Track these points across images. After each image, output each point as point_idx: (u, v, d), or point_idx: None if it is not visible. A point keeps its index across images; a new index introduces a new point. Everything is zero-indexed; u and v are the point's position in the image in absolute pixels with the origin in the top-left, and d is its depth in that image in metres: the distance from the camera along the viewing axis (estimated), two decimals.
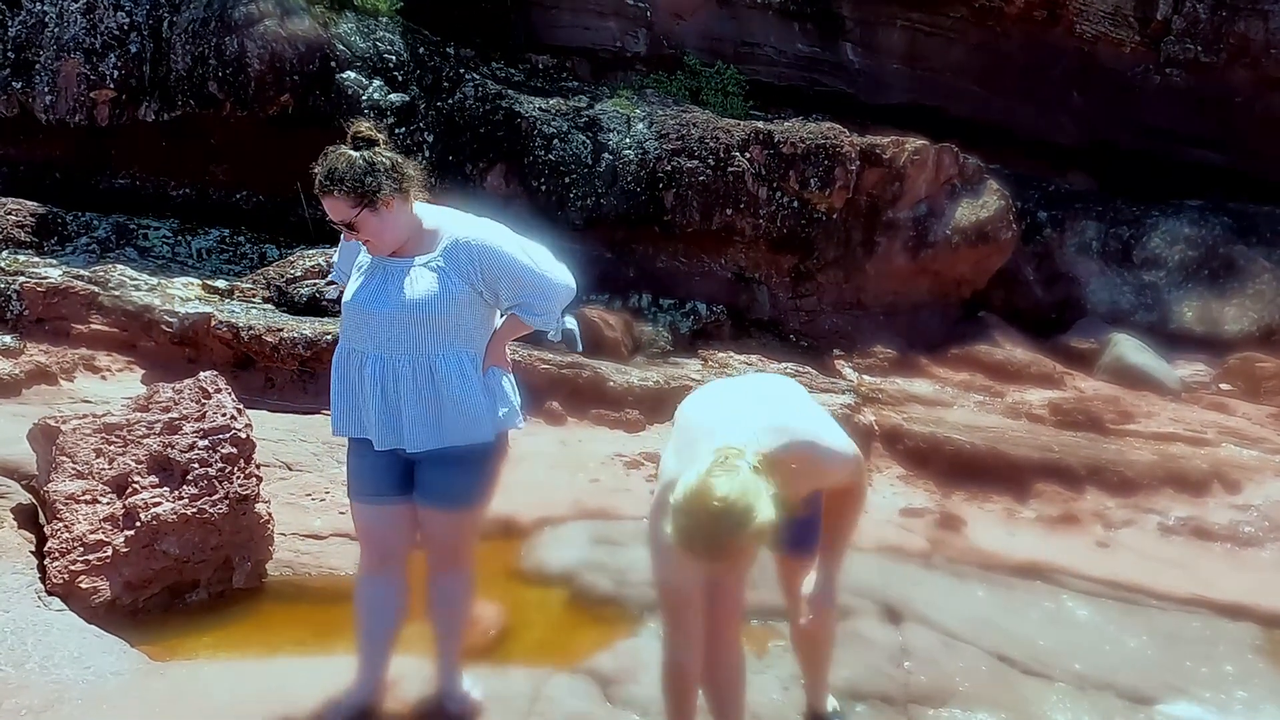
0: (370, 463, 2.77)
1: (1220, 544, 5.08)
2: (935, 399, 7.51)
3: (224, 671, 3.05)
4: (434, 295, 2.63)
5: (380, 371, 2.65)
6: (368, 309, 2.65)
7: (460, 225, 2.78)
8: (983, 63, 10.69)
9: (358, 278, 2.73)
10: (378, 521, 2.83)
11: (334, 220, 2.64)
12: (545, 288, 2.79)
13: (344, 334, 2.77)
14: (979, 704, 3.26)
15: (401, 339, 2.63)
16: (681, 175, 8.37)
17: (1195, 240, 9.76)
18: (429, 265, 2.68)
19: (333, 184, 2.60)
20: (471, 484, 2.79)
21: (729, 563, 2.18)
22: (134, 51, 7.86)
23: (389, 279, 2.67)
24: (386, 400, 2.65)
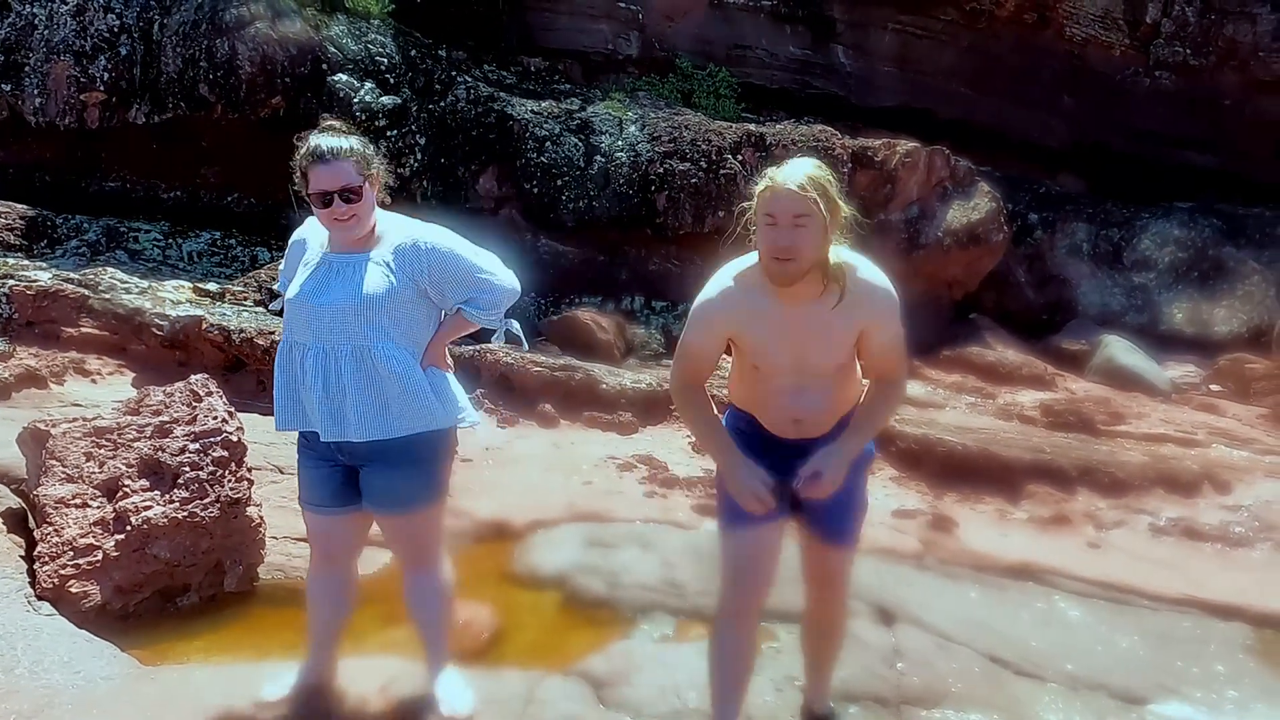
0: (317, 474, 2.82)
1: (1211, 544, 5.10)
2: (927, 401, 7.53)
3: (215, 675, 3.04)
4: (380, 289, 2.67)
5: (323, 363, 2.66)
6: (312, 302, 2.67)
7: (408, 228, 2.82)
8: (973, 65, 10.74)
9: (302, 274, 2.74)
10: (324, 529, 2.89)
11: (328, 189, 2.60)
12: (492, 284, 2.85)
13: (287, 329, 2.78)
14: (972, 705, 3.26)
15: (345, 330, 2.65)
16: (674, 177, 8.38)
17: (1185, 242, 9.82)
18: (377, 261, 2.72)
19: (340, 150, 2.64)
20: (419, 485, 2.80)
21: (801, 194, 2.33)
22: (124, 54, 7.84)
23: (334, 274, 2.70)
24: (329, 391, 2.67)
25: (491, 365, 6.53)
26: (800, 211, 2.34)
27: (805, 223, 2.35)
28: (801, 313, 2.49)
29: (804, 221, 2.35)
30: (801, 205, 2.33)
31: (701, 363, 2.62)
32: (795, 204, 2.33)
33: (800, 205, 2.33)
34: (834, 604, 2.90)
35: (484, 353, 6.62)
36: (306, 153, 2.65)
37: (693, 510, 4.99)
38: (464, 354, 6.68)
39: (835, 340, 2.54)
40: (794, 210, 2.34)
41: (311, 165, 2.63)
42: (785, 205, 2.35)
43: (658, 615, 3.86)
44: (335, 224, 2.67)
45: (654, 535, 4.65)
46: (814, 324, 2.49)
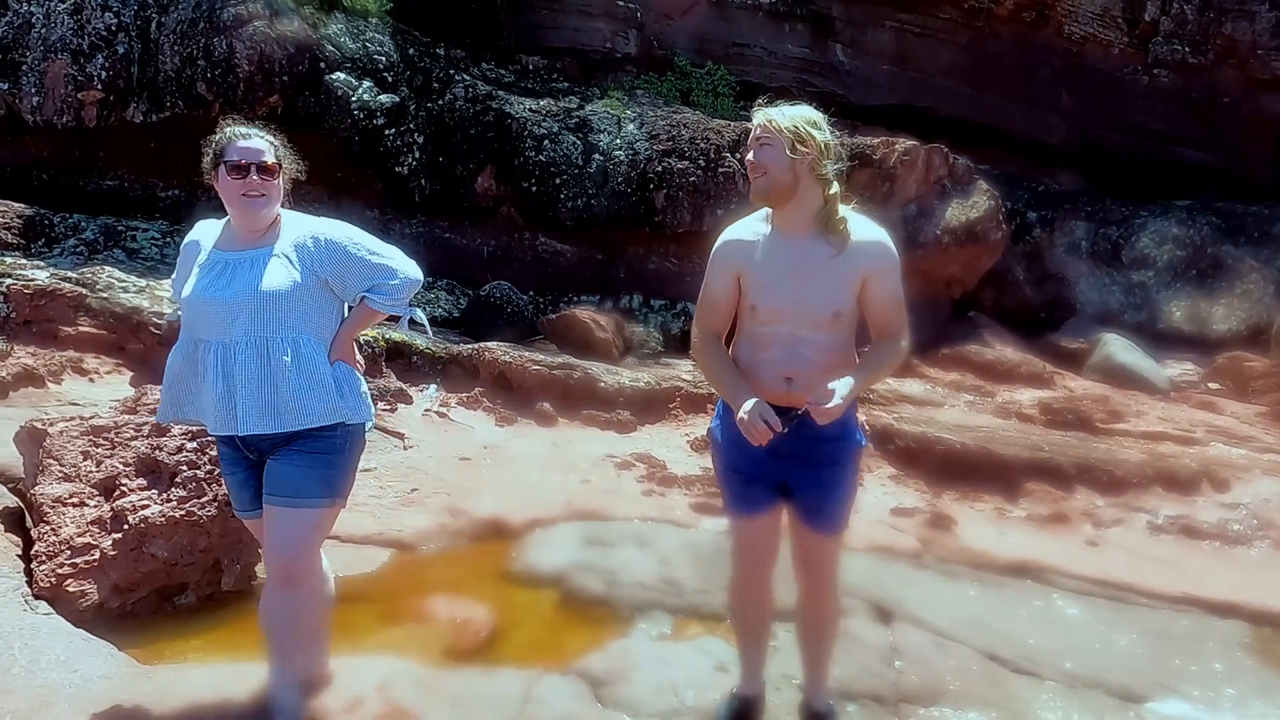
0: (234, 480, 2.83)
1: (1209, 542, 5.10)
2: (926, 399, 7.53)
3: (212, 674, 3.03)
4: (282, 282, 2.68)
5: (222, 357, 2.66)
6: (209, 296, 2.67)
7: (306, 223, 2.82)
8: (972, 63, 10.74)
9: (197, 274, 2.74)
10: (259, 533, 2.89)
11: (246, 160, 2.67)
12: (392, 269, 2.84)
13: (185, 327, 2.77)
14: (969, 703, 3.26)
15: (243, 324, 2.65)
16: (672, 176, 8.38)
17: (1184, 240, 9.82)
18: (277, 254, 2.73)
19: (258, 133, 2.76)
20: (312, 477, 2.70)
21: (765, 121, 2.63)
22: (122, 52, 7.83)
23: (230, 269, 2.71)
24: (229, 386, 2.66)
25: (490, 364, 6.53)
26: (761, 135, 2.65)
27: (768, 141, 2.63)
28: (802, 247, 2.65)
29: (767, 140, 2.64)
30: (762, 130, 2.65)
31: (718, 307, 2.76)
32: (760, 130, 2.67)
33: (761, 130, 2.66)
34: (825, 593, 2.93)
35: (482, 351, 6.62)
36: (223, 135, 2.73)
37: (691, 509, 4.98)
38: (462, 353, 6.69)
39: (834, 283, 2.64)
40: (758, 134, 2.67)
41: (230, 142, 2.70)
42: (755, 132, 2.69)
43: (656, 614, 3.86)
44: (244, 201, 2.68)
45: (652, 533, 4.65)
46: (814, 261, 2.65)
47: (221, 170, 2.70)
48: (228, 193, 2.70)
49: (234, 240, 2.75)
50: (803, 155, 2.60)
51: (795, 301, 2.63)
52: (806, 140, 2.61)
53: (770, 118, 2.64)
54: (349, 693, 3.00)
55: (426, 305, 8.03)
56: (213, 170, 2.74)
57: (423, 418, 6.01)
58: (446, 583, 4.03)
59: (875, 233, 2.69)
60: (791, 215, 2.66)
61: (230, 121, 2.82)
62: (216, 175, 2.73)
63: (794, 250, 2.65)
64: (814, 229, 2.65)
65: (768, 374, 2.67)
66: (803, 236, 2.65)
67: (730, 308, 2.74)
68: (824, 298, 2.63)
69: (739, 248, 2.72)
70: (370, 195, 8.43)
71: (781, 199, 2.64)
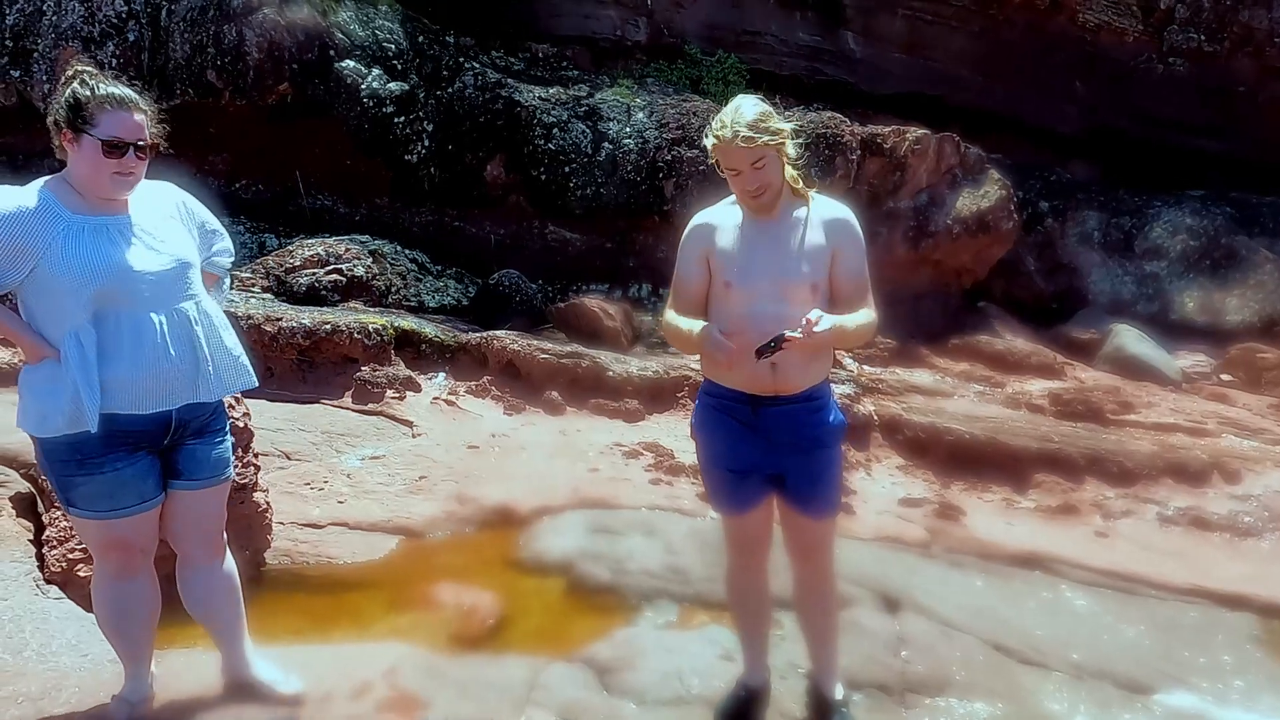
0: (135, 469, 2.52)
1: (1219, 534, 5.07)
2: (935, 389, 7.50)
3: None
4: (188, 249, 2.60)
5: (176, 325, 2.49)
6: (136, 266, 2.42)
7: (155, 186, 2.66)
8: (984, 51, 10.66)
9: (78, 243, 2.37)
10: (140, 528, 2.62)
11: (126, 139, 2.39)
12: (223, 232, 2.88)
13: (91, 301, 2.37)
14: (976, 693, 3.26)
15: (178, 291, 2.51)
16: (682, 164, 8.35)
17: (1197, 230, 9.74)
18: (167, 217, 2.59)
19: (141, 102, 2.48)
20: (228, 450, 2.77)
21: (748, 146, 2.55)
22: (132, 40, 7.84)
23: (122, 234, 2.44)
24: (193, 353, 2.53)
25: (499, 352, 6.53)
26: (756, 158, 2.59)
27: (764, 164, 2.60)
28: (775, 225, 2.71)
29: (763, 164, 2.60)
30: (756, 153, 2.58)
31: (688, 289, 2.76)
32: (750, 154, 2.58)
33: (755, 154, 2.58)
34: (821, 577, 2.94)
35: (491, 340, 6.62)
36: (103, 95, 2.39)
37: (698, 498, 4.99)
38: (470, 341, 6.69)
39: (809, 255, 2.68)
40: (751, 159, 2.59)
41: (111, 110, 2.39)
42: (742, 157, 2.59)
43: (662, 602, 3.87)
44: (115, 178, 2.41)
45: (659, 522, 4.66)
46: (788, 236, 2.70)
47: (86, 140, 2.38)
48: (94, 166, 2.39)
49: (89, 206, 2.44)
50: (787, 157, 2.67)
51: (773, 277, 2.65)
52: (781, 133, 2.64)
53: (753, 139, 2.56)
54: (356, 678, 3.02)
55: (436, 293, 8.04)
56: (72, 132, 2.39)
57: (431, 405, 6.03)
58: (454, 570, 4.05)
59: (840, 210, 2.77)
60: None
61: (92, 76, 2.43)
62: (78, 140, 2.39)
63: (766, 229, 2.71)
64: (780, 206, 2.71)
65: (750, 363, 2.66)
66: (774, 215, 2.71)
67: (701, 288, 2.75)
68: (802, 269, 2.65)
69: (707, 229, 2.76)
70: (380, 183, 8.43)
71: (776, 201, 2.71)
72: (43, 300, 2.39)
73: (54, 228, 2.38)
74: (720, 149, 2.61)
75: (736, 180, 2.65)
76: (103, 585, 2.69)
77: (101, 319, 2.40)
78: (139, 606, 2.72)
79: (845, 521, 4.74)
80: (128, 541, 2.61)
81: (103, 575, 2.68)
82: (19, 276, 2.37)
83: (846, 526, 4.66)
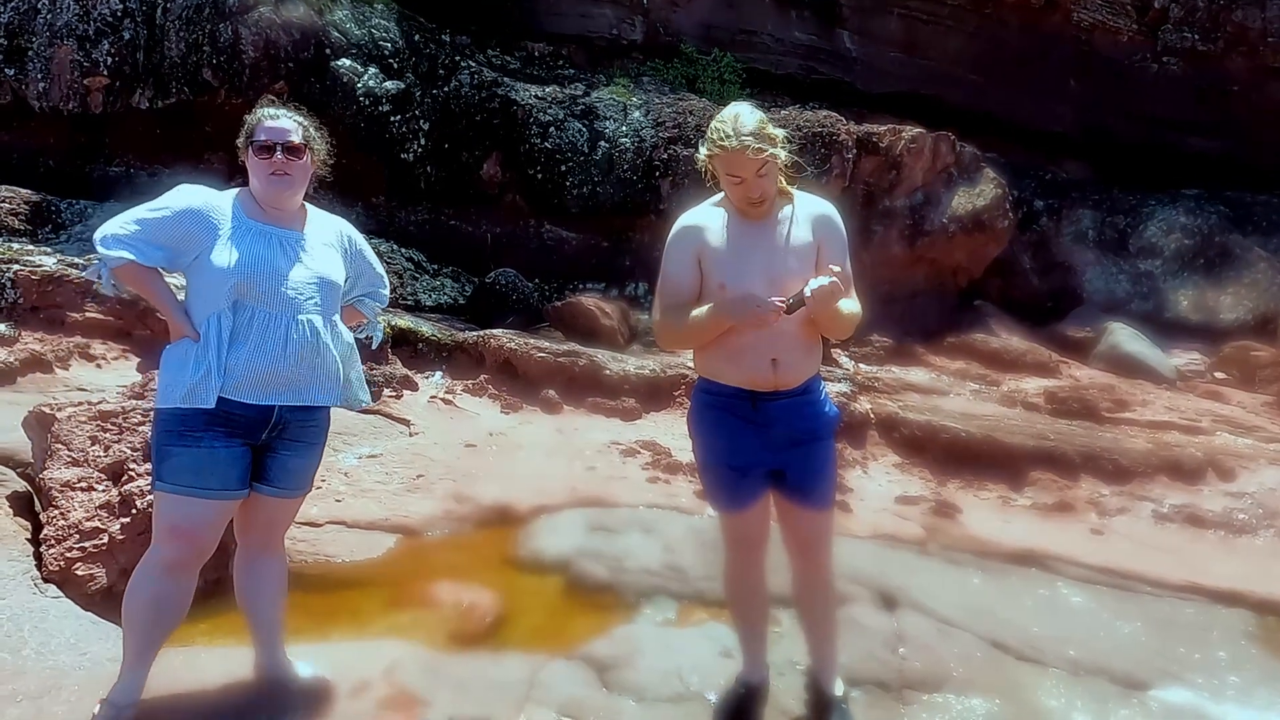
0: (229, 454, 2.62)
1: (1214, 531, 5.10)
2: (931, 387, 7.52)
3: (219, 658, 3.05)
4: (336, 270, 2.84)
5: (308, 330, 2.71)
6: (283, 270, 2.70)
7: (330, 218, 2.98)
8: (980, 51, 10.69)
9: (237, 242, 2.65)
10: (217, 516, 2.67)
11: (274, 140, 2.72)
12: (386, 281, 3.14)
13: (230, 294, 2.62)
14: (973, 689, 3.27)
15: (314, 302, 2.74)
16: (678, 163, 8.36)
17: (1191, 229, 9.78)
18: (326, 243, 2.86)
19: (291, 115, 2.81)
20: (314, 469, 2.92)
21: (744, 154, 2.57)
22: (127, 38, 7.82)
23: (279, 242, 2.74)
24: (316, 356, 2.74)
25: (495, 351, 6.53)
26: (761, 166, 2.62)
27: (767, 170, 2.64)
28: (763, 226, 2.72)
29: (766, 170, 2.64)
30: (761, 162, 2.61)
31: (679, 290, 2.75)
32: (755, 162, 2.61)
33: (759, 162, 2.61)
34: (819, 571, 2.96)
35: (487, 338, 6.62)
36: (255, 115, 2.80)
37: (695, 496, 4.99)
38: (467, 340, 6.69)
39: (799, 252, 2.71)
40: (755, 167, 2.61)
41: (259, 123, 2.77)
42: (746, 164, 2.61)
43: (660, 599, 3.87)
44: (271, 178, 2.73)
45: (657, 520, 4.66)
46: (774, 234, 2.72)
47: (250, 150, 2.76)
48: (256, 171, 2.75)
49: (264, 216, 2.76)
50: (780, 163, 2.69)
51: (766, 276, 2.66)
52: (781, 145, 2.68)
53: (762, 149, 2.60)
54: (356, 676, 3.02)
55: (432, 292, 8.03)
56: (244, 149, 2.80)
57: (428, 404, 6.03)
58: (452, 568, 4.05)
59: (823, 205, 2.81)
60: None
61: (265, 101, 2.89)
62: (247, 154, 2.78)
63: (756, 229, 2.72)
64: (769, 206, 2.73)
65: (751, 359, 2.68)
66: (765, 217, 2.73)
67: (693, 289, 2.75)
68: (794, 266, 2.67)
69: (696, 231, 2.75)
70: (376, 182, 8.42)
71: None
72: (199, 285, 2.68)
73: (225, 226, 2.69)
74: (725, 158, 2.63)
75: (739, 188, 2.66)
76: (148, 576, 2.67)
77: (240, 309, 2.65)
78: (174, 609, 2.72)
79: (842, 519, 4.75)
80: (194, 533, 2.65)
81: (153, 566, 2.67)
82: (186, 261, 2.68)
83: (844, 524, 4.68)
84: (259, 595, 2.93)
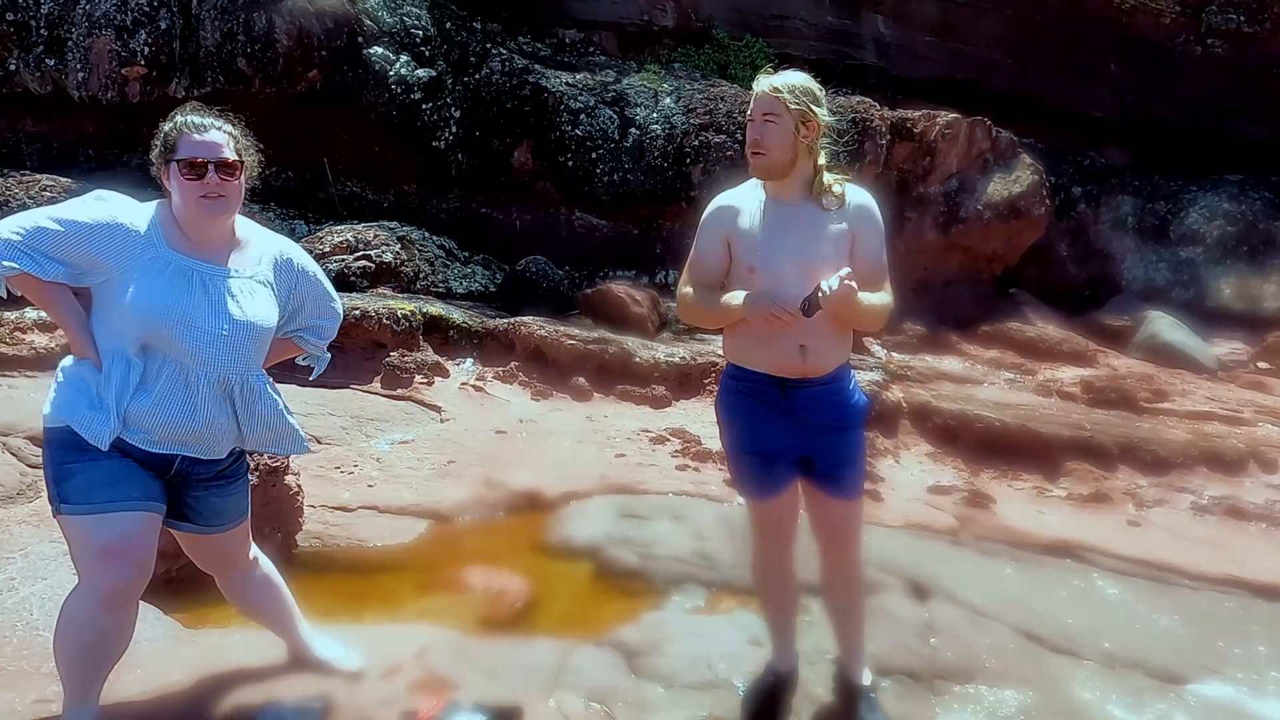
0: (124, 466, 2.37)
1: (1255, 524, 5.00)
2: (965, 376, 7.44)
3: (254, 639, 3.09)
4: (268, 317, 2.49)
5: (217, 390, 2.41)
6: (199, 323, 2.36)
7: (269, 237, 2.62)
8: (1017, 35, 10.50)
9: (152, 280, 2.34)
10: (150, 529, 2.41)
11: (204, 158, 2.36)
12: (337, 312, 2.78)
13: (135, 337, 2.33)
14: (1006, 681, 3.24)
15: (234, 357, 2.42)
16: (709, 150, 8.32)
17: (1235, 216, 9.57)
18: (259, 279, 2.50)
19: (216, 124, 2.45)
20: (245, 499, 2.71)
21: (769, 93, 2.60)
22: (164, 28, 7.90)
23: (201, 284, 2.39)
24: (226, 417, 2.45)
25: (526, 338, 6.55)
26: (768, 109, 2.61)
27: (774, 119, 2.61)
28: (796, 210, 2.69)
29: (772, 119, 2.61)
30: (770, 104, 2.61)
31: (706, 270, 2.74)
32: (765, 104, 2.63)
33: (769, 104, 2.62)
34: (848, 561, 2.94)
35: (518, 325, 6.64)
36: (177, 124, 2.42)
37: (725, 483, 4.98)
38: (498, 327, 6.71)
39: (832, 240, 2.67)
40: (764, 109, 2.63)
41: (183, 134, 2.40)
42: (758, 105, 2.65)
43: (690, 587, 3.87)
44: (203, 203, 2.38)
45: (686, 508, 4.66)
46: (810, 222, 2.68)
47: (173, 167, 2.38)
48: (182, 194, 2.38)
49: (187, 244, 2.41)
50: (804, 137, 2.64)
51: (796, 261, 2.62)
52: (810, 123, 2.63)
53: (780, 94, 2.61)
54: (387, 659, 3.05)
55: (463, 279, 8.07)
56: (162, 165, 2.42)
57: (459, 391, 6.06)
58: (483, 553, 4.08)
59: (862, 195, 2.77)
60: (784, 184, 2.71)
61: (183, 110, 2.49)
62: (167, 171, 2.41)
63: (789, 214, 2.69)
64: (805, 194, 2.70)
65: (780, 345, 2.66)
66: (796, 201, 2.70)
67: (721, 270, 2.74)
68: (827, 254, 2.63)
69: (730, 212, 2.74)
70: (407, 170, 8.46)
71: (778, 176, 2.69)
72: (106, 313, 2.39)
73: (142, 254, 2.36)
74: (753, 94, 2.66)
75: (749, 130, 2.69)
76: (83, 613, 2.36)
77: (149, 354, 2.36)
78: (117, 644, 2.45)
79: (874, 508, 4.71)
80: (128, 550, 2.33)
81: (87, 598, 2.35)
82: (93, 281, 2.37)
83: (875, 514, 4.64)
84: (254, 606, 2.89)
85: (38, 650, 2.91)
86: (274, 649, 2.99)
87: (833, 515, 2.86)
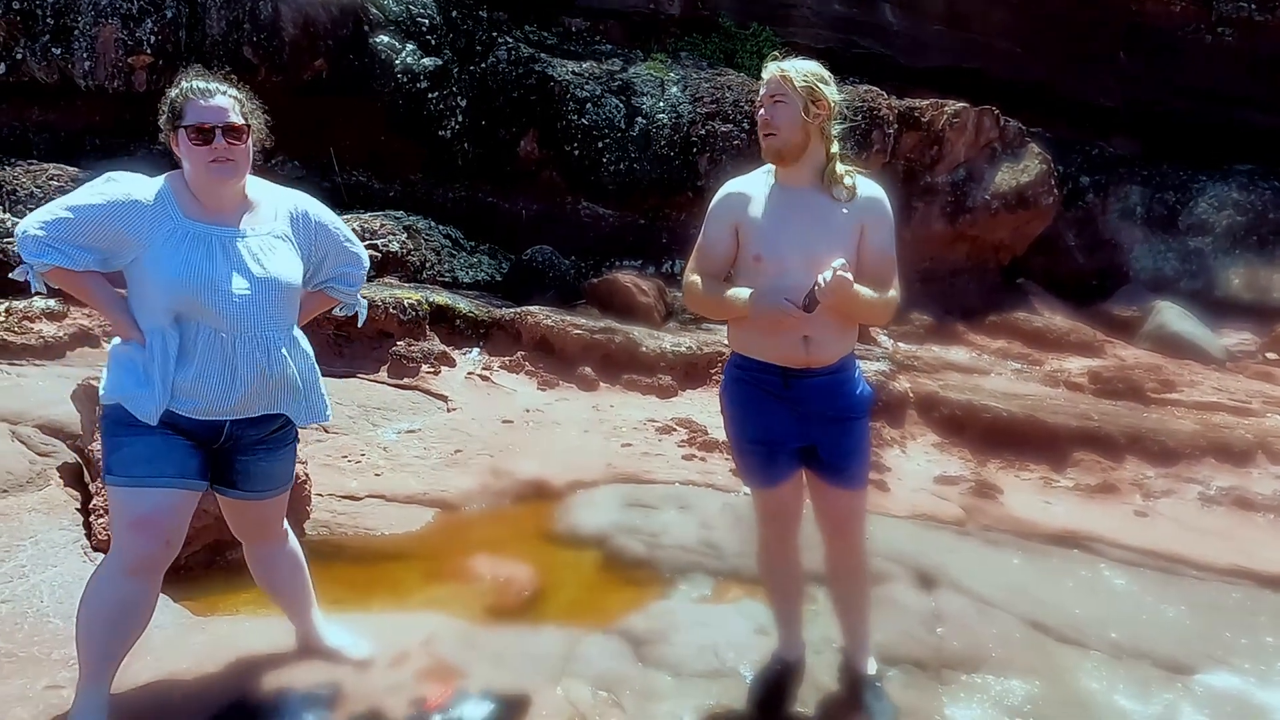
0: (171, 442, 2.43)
1: (1263, 515, 4.99)
2: (972, 366, 7.42)
3: (263, 627, 3.10)
4: (292, 272, 2.51)
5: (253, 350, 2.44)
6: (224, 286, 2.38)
7: (282, 193, 2.64)
8: (1026, 24, 10.44)
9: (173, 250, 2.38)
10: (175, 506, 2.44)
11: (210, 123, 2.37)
12: (360, 257, 2.78)
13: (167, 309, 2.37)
14: (1012, 670, 3.23)
15: (263, 317, 2.44)
16: (715, 139, 8.29)
17: (1244, 206, 9.52)
18: (276, 235, 2.52)
19: (222, 89, 2.46)
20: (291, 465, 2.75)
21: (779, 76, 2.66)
22: (170, 17, 7.90)
23: (221, 247, 2.42)
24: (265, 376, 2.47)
25: (532, 328, 6.55)
26: (776, 91, 2.66)
27: (782, 99, 2.65)
28: (805, 199, 2.69)
29: (781, 99, 2.65)
30: (777, 86, 2.66)
31: (713, 257, 2.75)
32: (773, 86, 2.68)
33: (776, 86, 2.67)
34: (853, 551, 2.94)
35: (524, 315, 6.64)
36: (183, 90, 2.43)
37: (731, 473, 4.97)
38: (504, 317, 6.71)
39: (840, 231, 2.66)
40: (772, 91, 2.67)
41: (189, 100, 2.41)
42: (767, 89, 2.69)
43: (696, 576, 3.88)
44: (213, 167, 2.40)
45: (693, 497, 4.66)
46: (819, 212, 2.68)
47: (181, 134, 2.41)
48: (191, 159, 2.41)
49: (201, 210, 2.45)
50: (815, 116, 2.65)
51: (804, 251, 2.61)
52: (820, 101, 2.65)
53: (787, 75, 2.65)
54: (395, 647, 3.05)
55: (469, 269, 8.07)
56: (171, 132, 2.45)
57: (465, 380, 6.06)
58: (490, 542, 4.09)
59: (873, 188, 2.76)
60: (795, 170, 2.71)
61: (188, 75, 2.50)
62: (176, 138, 2.44)
63: (797, 202, 2.69)
64: (816, 182, 2.70)
65: (784, 336, 2.65)
66: (806, 189, 2.70)
67: (728, 258, 2.74)
68: (833, 245, 2.62)
69: (740, 199, 2.74)
70: (413, 159, 8.45)
71: (792, 157, 2.69)
72: (139, 291, 2.44)
73: (160, 227, 2.40)
74: (763, 79, 2.71)
75: (759, 113, 2.71)
76: (109, 579, 2.45)
77: (184, 324, 2.40)
78: (138, 617, 2.50)
79: (880, 498, 4.71)
80: (157, 523, 2.40)
81: (114, 568, 2.45)
82: (123, 262, 2.42)
83: (881, 503, 4.64)
84: (276, 581, 2.91)
85: (48, 637, 2.93)
86: (283, 637, 3.00)
87: (836, 505, 2.87)
